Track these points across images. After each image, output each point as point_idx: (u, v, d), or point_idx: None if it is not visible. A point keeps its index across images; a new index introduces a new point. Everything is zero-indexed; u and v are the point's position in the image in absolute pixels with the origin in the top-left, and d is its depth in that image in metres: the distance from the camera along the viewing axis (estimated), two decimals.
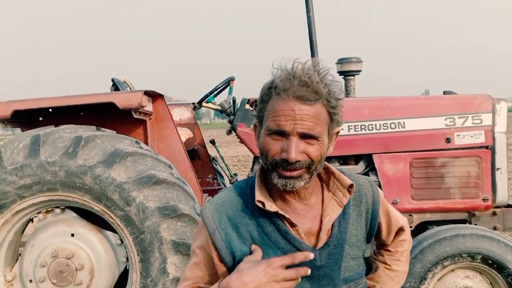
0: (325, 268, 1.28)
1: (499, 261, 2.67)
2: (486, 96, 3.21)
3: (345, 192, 1.32)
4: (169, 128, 3.44)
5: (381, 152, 3.26)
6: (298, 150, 1.18)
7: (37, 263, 2.93)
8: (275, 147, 1.21)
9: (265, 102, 1.25)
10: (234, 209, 1.31)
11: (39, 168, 2.79)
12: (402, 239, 1.53)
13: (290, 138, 1.18)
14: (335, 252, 1.29)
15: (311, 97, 1.17)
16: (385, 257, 1.54)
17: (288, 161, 1.18)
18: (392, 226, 1.47)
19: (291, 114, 1.17)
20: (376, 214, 1.39)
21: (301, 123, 1.16)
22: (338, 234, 1.30)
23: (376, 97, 3.38)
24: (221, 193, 1.39)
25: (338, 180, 1.33)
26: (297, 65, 1.22)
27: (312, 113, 1.17)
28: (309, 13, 3.60)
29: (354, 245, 1.33)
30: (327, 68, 1.24)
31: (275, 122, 1.19)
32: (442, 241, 2.76)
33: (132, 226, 2.81)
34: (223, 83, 3.88)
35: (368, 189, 1.40)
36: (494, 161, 3.14)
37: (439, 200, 3.20)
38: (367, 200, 1.38)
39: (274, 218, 1.27)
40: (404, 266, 1.55)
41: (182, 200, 2.89)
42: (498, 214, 3.19)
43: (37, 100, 3.05)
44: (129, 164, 2.84)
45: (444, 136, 3.18)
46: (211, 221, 1.30)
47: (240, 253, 1.27)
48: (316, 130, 1.18)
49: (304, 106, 1.17)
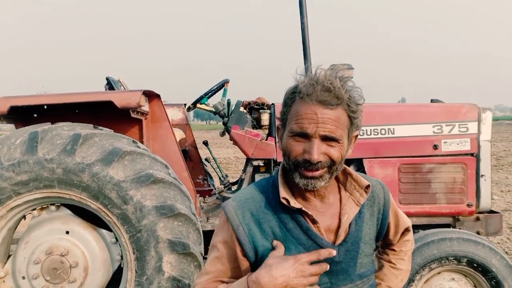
0: (342, 264, 1.35)
1: (484, 264, 2.79)
2: (472, 105, 3.34)
3: (362, 192, 1.39)
4: (164, 128, 3.47)
5: (371, 157, 3.37)
6: (320, 152, 1.24)
7: (30, 260, 2.92)
8: (297, 148, 1.27)
9: (289, 105, 1.31)
10: (257, 205, 1.36)
11: (37, 164, 2.79)
12: (406, 239, 1.61)
13: (312, 140, 1.24)
14: (352, 248, 1.36)
15: (333, 102, 1.23)
16: (390, 256, 1.62)
17: (310, 161, 1.24)
18: (400, 226, 1.55)
19: (314, 117, 1.23)
20: (386, 214, 1.47)
21: (323, 126, 1.23)
22: (355, 232, 1.38)
23: (367, 103, 3.47)
24: (243, 190, 1.44)
25: (355, 181, 1.40)
26: (320, 71, 1.28)
27: (334, 117, 1.24)
28: (303, 19, 3.68)
29: (368, 243, 1.41)
30: (348, 75, 1.31)
31: (298, 125, 1.25)
32: (430, 244, 2.86)
33: (129, 224, 2.84)
34: (217, 85, 3.93)
35: (380, 190, 1.48)
36: (479, 168, 3.28)
37: (426, 205, 3.32)
38: (379, 201, 1.46)
39: (296, 215, 1.33)
40: (407, 265, 1.64)
41: (179, 199, 2.93)
42: (481, 220, 3.33)
43: (35, 97, 3.05)
44: (127, 163, 2.87)
45: (432, 143, 3.31)
46: (235, 216, 1.34)
47: (262, 248, 1.32)
48: (337, 133, 1.24)
49: (326, 110, 1.23)
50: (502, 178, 11.09)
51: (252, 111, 3.87)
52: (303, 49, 3.69)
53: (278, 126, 1.40)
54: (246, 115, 3.74)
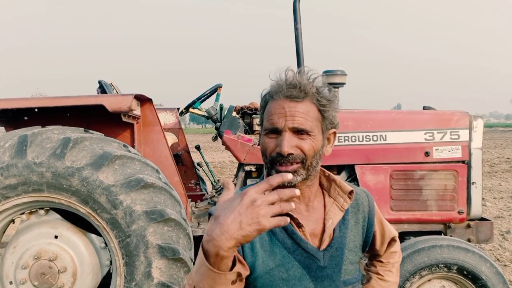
0: (327, 269, 1.34)
1: (474, 272, 2.79)
2: (464, 113, 3.36)
3: (346, 198, 1.40)
4: (156, 133, 3.46)
5: (363, 163, 3.37)
6: (291, 144, 1.26)
7: (18, 265, 2.89)
8: (271, 145, 1.30)
9: (263, 108, 1.36)
10: None
11: (26, 168, 2.77)
12: (393, 251, 1.61)
13: (283, 134, 1.27)
14: (337, 254, 1.36)
15: (299, 95, 1.27)
16: (378, 268, 1.62)
17: (281, 154, 1.25)
18: (386, 236, 1.55)
19: (282, 111, 1.27)
20: (372, 222, 1.47)
21: (291, 119, 1.26)
22: (339, 237, 1.38)
23: (360, 110, 3.49)
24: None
25: (339, 187, 1.42)
26: (288, 72, 1.32)
27: (302, 109, 1.27)
28: (297, 25, 3.68)
29: (352, 251, 1.40)
30: (319, 74, 1.35)
31: (269, 121, 1.30)
32: (420, 252, 2.87)
33: (118, 229, 2.82)
34: (210, 89, 3.93)
35: (364, 198, 1.49)
36: (470, 176, 3.29)
37: (417, 212, 3.32)
38: (364, 209, 1.47)
39: None
40: (395, 277, 1.63)
41: (169, 204, 2.92)
42: (472, 227, 3.33)
43: (26, 100, 3.03)
44: (117, 167, 2.85)
45: (423, 150, 3.31)
46: None
47: (248, 250, 1.30)
48: (306, 124, 1.27)
49: (293, 103, 1.27)
50: (495, 185, 11.13)
51: (245, 116, 3.86)
52: (296, 55, 3.69)
53: (260, 133, 1.42)
54: (238, 120, 3.73)
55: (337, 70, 3.78)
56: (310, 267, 1.32)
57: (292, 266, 1.31)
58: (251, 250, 1.31)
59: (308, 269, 1.32)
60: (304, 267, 1.32)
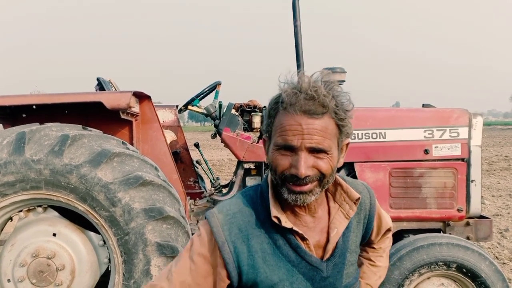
0: (330, 278, 1.31)
1: (473, 270, 2.78)
2: (463, 110, 3.35)
3: (352, 205, 1.34)
4: (155, 130, 3.44)
5: (362, 161, 3.36)
6: (308, 165, 1.17)
7: (16, 263, 2.87)
8: (283, 162, 1.20)
9: (273, 117, 1.24)
10: (246, 220, 1.29)
11: (24, 165, 2.75)
12: (386, 237, 1.60)
13: (299, 153, 1.17)
14: (339, 261, 1.33)
15: (318, 111, 1.16)
16: (370, 254, 1.61)
17: (297, 176, 1.17)
18: (382, 228, 1.54)
19: (299, 129, 1.16)
20: (372, 219, 1.45)
21: (309, 138, 1.15)
22: (342, 244, 1.34)
23: (360, 107, 3.48)
24: (230, 202, 1.36)
25: (345, 193, 1.35)
26: (303, 78, 1.20)
27: (320, 127, 1.16)
28: (296, 22, 3.66)
29: (354, 252, 1.38)
30: (335, 80, 1.24)
31: (283, 138, 1.18)
32: (419, 249, 2.86)
33: (117, 227, 2.81)
34: (209, 87, 3.91)
35: (366, 196, 1.44)
36: (469, 174, 3.28)
37: (416, 209, 3.31)
38: (366, 207, 1.43)
39: (285, 232, 1.28)
40: (385, 261, 1.63)
41: (168, 202, 2.91)
42: (471, 225, 3.32)
43: (24, 97, 3.01)
44: (115, 165, 2.83)
45: (423, 147, 3.30)
46: (221, 232, 1.26)
47: (247, 267, 1.25)
48: (324, 143, 1.17)
49: (312, 120, 1.16)
50: (494, 183, 11.14)
51: (244, 114, 3.85)
52: (296, 53, 3.68)
53: (265, 138, 1.33)
54: (237, 118, 3.72)
55: (337, 67, 3.77)
56: (314, 279, 1.29)
57: (297, 279, 1.27)
58: (251, 267, 1.26)
59: (312, 281, 1.29)
60: (307, 279, 1.28)
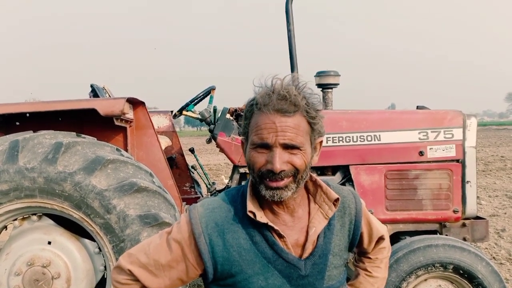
0: (309, 277, 1.33)
1: (470, 271, 2.79)
2: (457, 112, 3.36)
3: (331, 205, 1.38)
4: (149, 136, 3.43)
5: (357, 164, 3.36)
6: (282, 161, 1.24)
7: (11, 271, 2.85)
8: (260, 160, 1.27)
9: (249, 118, 1.32)
10: (223, 216, 1.35)
11: (17, 174, 2.74)
12: (382, 247, 1.61)
13: (274, 150, 1.24)
14: (320, 262, 1.35)
15: (290, 109, 1.24)
16: (366, 264, 1.62)
17: (273, 171, 1.24)
18: (373, 235, 1.54)
19: (273, 126, 1.23)
20: (358, 224, 1.46)
21: (282, 135, 1.23)
22: (323, 244, 1.36)
23: (354, 110, 3.48)
24: (212, 198, 1.44)
25: (325, 194, 1.39)
26: (275, 81, 1.29)
27: (293, 124, 1.24)
28: (290, 26, 3.67)
29: (337, 255, 1.39)
30: (305, 82, 1.32)
31: (258, 136, 1.26)
32: (416, 251, 2.86)
33: (112, 234, 2.79)
34: (204, 92, 3.91)
35: (351, 200, 1.47)
36: (464, 175, 3.29)
37: (412, 211, 3.32)
38: (351, 212, 1.45)
39: (263, 229, 1.32)
40: (383, 272, 1.63)
41: (163, 208, 2.89)
42: (467, 226, 3.33)
43: (17, 105, 3.00)
44: (110, 172, 2.82)
45: (418, 149, 3.31)
46: (198, 224, 1.33)
47: (221, 259, 1.30)
48: (297, 140, 1.24)
49: (284, 118, 1.23)
50: (490, 183, 11.18)
51: (239, 118, 3.84)
52: (289, 56, 3.69)
53: (242, 140, 1.39)
54: (232, 122, 3.71)
55: (330, 70, 3.78)
56: (291, 276, 1.32)
57: (272, 275, 1.30)
58: (226, 260, 1.30)
59: (288, 278, 1.31)
60: (284, 276, 1.31)
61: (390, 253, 1.69)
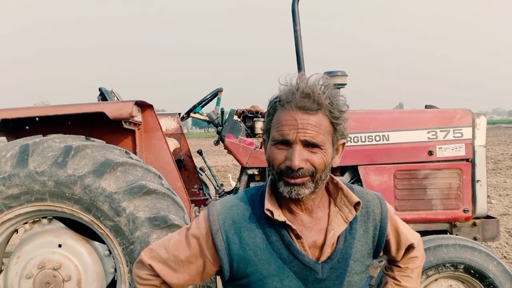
0: (327, 282, 1.31)
1: (481, 271, 2.76)
2: (467, 110, 3.33)
3: (352, 209, 1.34)
4: (158, 138, 3.45)
5: (366, 164, 3.35)
6: (301, 158, 1.22)
7: (22, 275, 2.87)
8: (280, 156, 1.26)
9: (271, 115, 1.31)
10: (241, 214, 1.35)
11: (28, 177, 2.76)
12: (413, 256, 1.54)
13: (294, 147, 1.23)
14: (339, 266, 1.32)
15: (312, 107, 1.23)
16: (395, 273, 1.56)
17: (291, 168, 1.22)
18: (401, 243, 1.48)
19: (294, 123, 1.23)
20: (384, 231, 1.41)
21: (303, 132, 1.22)
22: (343, 249, 1.33)
23: (362, 110, 3.47)
24: (232, 196, 1.43)
25: (345, 197, 1.36)
26: (301, 79, 1.28)
27: (314, 122, 1.23)
28: (296, 27, 3.67)
29: (359, 261, 1.35)
30: (331, 83, 1.30)
31: (279, 132, 1.25)
32: (426, 251, 2.80)
33: (122, 236, 2.81)
34: (211, 94, 3.92)
35: (376, 206, 1.42)
36: (474, 174, 3.26)
37: (422, 211, 3.30)
38: (375, 217, 1.40)
39: (280, 228, 1.30)
40: (414, 282, 1.56)
41: (172, 210, 2.90)
42: (478, 225, 3.30)
43: (27, 109, 3.03)
44: (119, 174, 2.84)
45: (427, 148, 3.29)
46: (216, 220, 1.33)
47: (237, 257, 1.30)
48: (318, 138, 1.23)
49: (306, 116, 1.22)
50: (500, 182, 11.08)
51: (246, 120, 3.85)
52: (296, 57, 3.68)
53: (264, 138, 1.38)
54: (240, 124, 3.72)
55: (338, 70, 3.77)
56: (307, 279, 1.29)
57: (287, 276, 1.29)
58: (242, 258, 1.30)
59: (304, 281, 1.29)
60: (300, 278, 1.29)
61: (424, 262, 1.62)
